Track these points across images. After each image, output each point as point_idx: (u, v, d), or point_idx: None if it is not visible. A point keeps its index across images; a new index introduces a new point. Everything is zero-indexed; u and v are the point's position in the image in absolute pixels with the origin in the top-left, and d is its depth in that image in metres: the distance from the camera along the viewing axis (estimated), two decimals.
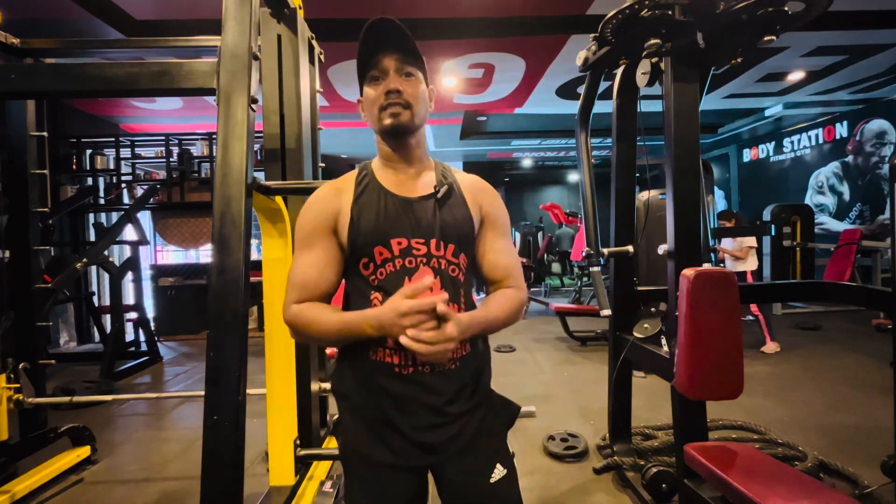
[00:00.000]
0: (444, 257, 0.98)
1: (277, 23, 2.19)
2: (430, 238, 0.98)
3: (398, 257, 0.96)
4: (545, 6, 3.86)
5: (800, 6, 1.62)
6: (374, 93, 0.98)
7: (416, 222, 0.98)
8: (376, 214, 0.98)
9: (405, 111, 0.97)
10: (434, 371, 0.96)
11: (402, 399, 0.96)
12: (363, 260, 0.98)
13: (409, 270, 0.96)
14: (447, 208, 1.01)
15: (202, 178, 5.94)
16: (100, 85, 1.69)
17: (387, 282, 0.96)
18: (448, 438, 0.98)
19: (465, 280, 1.02)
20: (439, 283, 0.96)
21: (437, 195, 1.00)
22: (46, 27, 3.95)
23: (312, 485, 2.13)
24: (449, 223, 0.99)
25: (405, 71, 0.99)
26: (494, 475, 1.01)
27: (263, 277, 1.93)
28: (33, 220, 2.49)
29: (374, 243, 0.96)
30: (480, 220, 1.06)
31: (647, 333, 2.19)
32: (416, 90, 0.99)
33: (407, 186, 1.02)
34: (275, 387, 1.91)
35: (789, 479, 1.41)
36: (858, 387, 3.55)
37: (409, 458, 0.98)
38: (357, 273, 0.99)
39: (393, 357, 0.95)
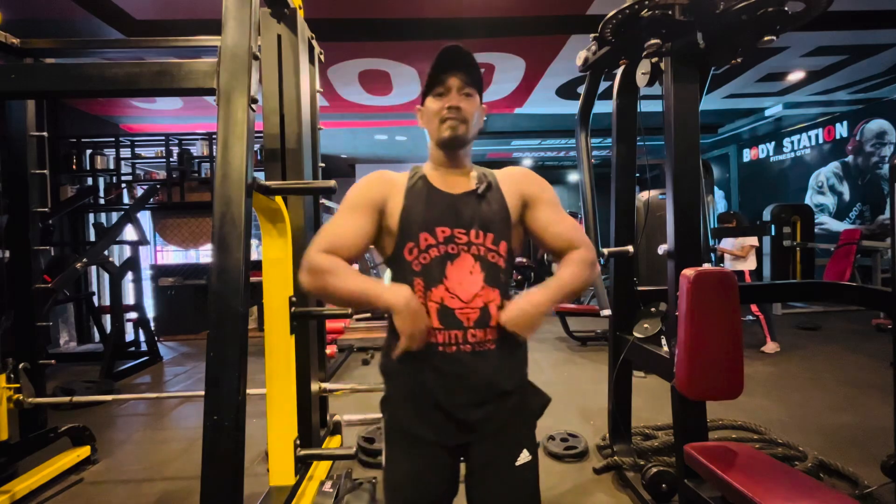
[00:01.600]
0: (484, 245, 1.08)
1: (277, 23, 2.19)
2: (471, 228, 1.08)
3: (442, 244, 1.07)
4: (545, 6, 3.86)
5: (800, 6, 1.62)
6: (437, 106, 1.10)
7: (459, 214, 1.09)
8: (424, 205, 1.09)
9: (462, 125, 1.09)
10: (474, 351, 1.05)
11: (444, 375, 1.05)
12: (409, 245, 1.07)
13: (452, 256, 1.06)
14: (486, 202, 1.11)
15: (202, 178, 5.94)
16: (100, 85, 1.69)
17: (430, 266, 1.06)
18: (484, 418, 1.07)
19: (506, 267, 1.11)
20: (479, 267, 1.06)
21: (478, 192, 1.11)
22: (46, 27, 3.95)
23: (312, 485, 2.13)
24: (487, 214, 1.10)
25: (465, 91, 1.10)
26: (520, 459, 1.09)
27: (263, 277, 1.93)
28: (33, 220, 2.49)
29: (421, 230, 1.07)
30: (525, 204, 1.15)
31: (647, 333, 2.19)
32: (473, 108, 1.11)
33: (452, 184, 1.13)
34: (275, 387, 1.91)
35: (789, 479, 1.41)
36: (858, 387, 3.55)
37: (449, 436, 1.08)
38: (401, 259, 1.08)
39: (437, 336, 1.04)
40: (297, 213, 2.20)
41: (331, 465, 2.47)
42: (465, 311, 1.05)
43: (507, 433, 1.10)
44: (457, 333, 1.04)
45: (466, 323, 1.04)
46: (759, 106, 7.34)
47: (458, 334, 1.04)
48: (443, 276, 1.05)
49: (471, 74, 1.10)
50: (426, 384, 1.06)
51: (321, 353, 2.57)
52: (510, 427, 1.10)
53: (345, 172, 11.48)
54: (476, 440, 1.09)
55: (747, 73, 5.62)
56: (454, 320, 1.04)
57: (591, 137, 2.50)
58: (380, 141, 8.90)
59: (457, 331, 1.04)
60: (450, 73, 1.09)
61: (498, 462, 1.09)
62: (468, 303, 1.05)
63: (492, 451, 1.09)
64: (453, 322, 1.04)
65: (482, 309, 1.05)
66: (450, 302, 1.04)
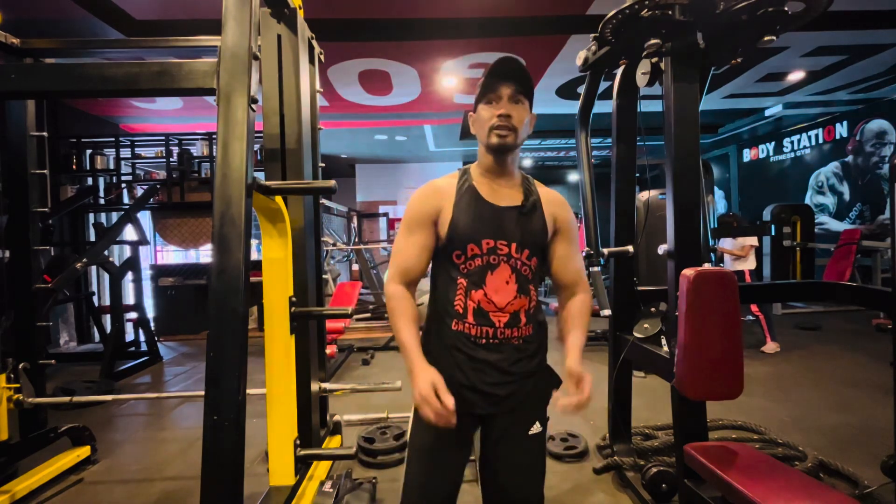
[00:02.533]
0: (521, 259, 1.21)
1: (277, 23, 2.19)
2: (512, 242, 1.20)
3: (485, 255, 1.20)
4: (545, 6, 3.86)
5: (800, 6, 1.63)
6: (488, 113, 1.18)
7: (503, 227, 1.20)
8: (472, 218, 1.20)
9: (511, 133, 1.18)
10: (502, 343, 1.20)
11: (476, 360, 1.20)
12: (456, 252, 1.21)
13: (493, 266, 1.20)
14: (528, 219, 1.23)
15: (202, 178, 5.94)
16: (100, 85, 1.69)
17: (474, 272, 1.20)
18: (510, 394, 1.22)
19: (534, 278, 1.25)
20: (515, 278, 1.20)
21: (524, 210, 1.23)
22: (46, 27, 3.95)
23: (312, 485, 2.13)
24: (528, 232, 1.22)
25: (516, 98, 1.18)
26: (533, 430, 1.26)
27: (263, 277, 1.92)
28: (33, 220, 2.49)
29: (468, 241, 1.19)
30: (555, 229, 1.28)
31: (647, 333, 2.19)
32: (523, 116, 1.19)
33: (498, 196, 1.23)
34: (275, 387, 1.91)
35: (789, 479, 1.41)
36: (858, 387, 3.56)
37: (475, 406, 1.23)
38: (449, 260, 1.22)
39: (471, 330, 1.20)
40: (297, 213, 2.20)
41: (331, 465, 2.47)
42: (498, 315, 1.19)
43: (525, 408, 1.26)
44: (488, 330, 1.19)
45: (498, 324, 1.19)
46: (759, 106, 7.34)
47: (490, 331, 1.19)
48: (483, 282, 1.19)
49: (522, 84, 1.18)
50: (459, 366, 1.21)
51: (321, 353, 2.57)
52: (528, 403, 1.26)
53: (345, 172, 11.48)
54: (499, 412, 1.24)
55: (747, 73, 5.62)
56: (487, 320, 1.19)
57: (591, 137, 2.50)
58: (380, 141, 8.90)
59: (488, 328, 1.19)
60: (502, 82, 1.17)
61: (514, 431, 1.25)
62: (502, 308, 1.19)
63: (509, 421, 1.25)
64: (486, 321, 1.19)
65: (513, 314, 1.20)
66: (486, 305, 1.19)
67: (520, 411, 1.26)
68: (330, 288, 5.66)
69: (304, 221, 2.26)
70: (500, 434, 1.25)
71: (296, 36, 2.20)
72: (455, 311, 1.21)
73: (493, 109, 1.18)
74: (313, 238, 2.45)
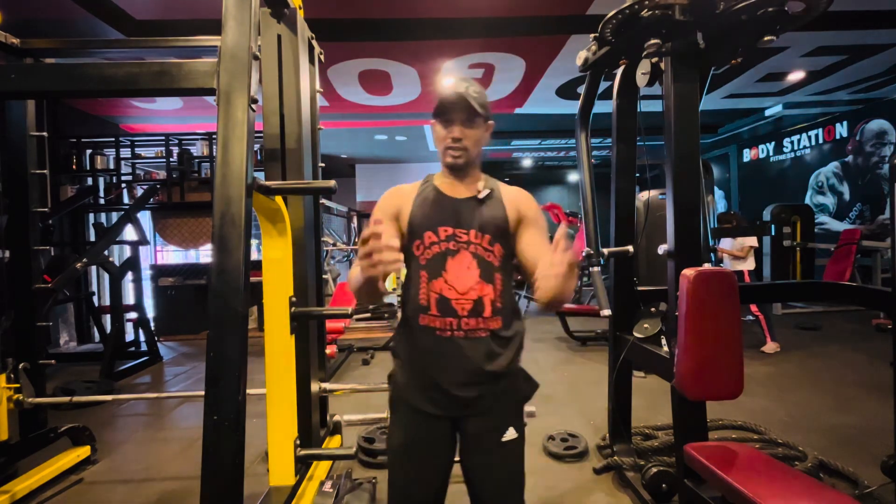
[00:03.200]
0: (481, 245, 1.22)
1: (277, 23, 2.19)
2: (471, 228, 1.22)
3: (444, 241, 1.22)
4: (545, 6, 3.86)
5: (800, 6, 1.63)
6: (443, 133, 1.24)
7: (460, 215, 1.24)
8: (429, 208, 1.25)
9: (463, 153, 1.24)
10: (466, 337, 1.19)
11: (439, 356, 1.19)
12: (416, 242, 1.23)
13: (452, 252, 1.21)
14: (487, 207, 1.26)
15: (202, 178, 5.94)
16: (100, 85, 1.69)
17: (432, 261, 1.21)
18: (475, 396, 1.20)
19: (501, 266, 1.24)
20: (476, 264, 1.21)
21: (479, 197, 1.26)
22: (46, 27, 3.95)
23: (312, 485, 2.13)
24: (487, 218, 1.24)
25: (469, 123, 1.23)
26: (507, 436, 1.23)
27: (263, 277, 1.92)
28: (33, 220, 2.49)
29: (425, 229, 1.23)
30: (519, 220, 1.27)
31: (647, 333, 2.19)
32: (475, 135, 1.25)
33: (457, 190, 1.28)
34: (275, 387, 1.91)
35: (789, 479, 1.41)
36: (858, 387, 3.55)
37: (443, 409, 1.22)
38: (411, 254, 1.24)
39: (435, 322, 1.19)
40: (297, 213, 2.20)
41: (331, 465, 2.47)
42: (461, 302, 1.19)
43: (496, 412, 1.23)
44: (451, 321, 1.18)
45: (461, 312, 1.18)
46: (759, 106, 7.34)
47: (453, 322, 1.18)
48: (443, 269, 1.20)
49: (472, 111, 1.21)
50: (425, 363, 1.22)
51: (321, 353, 2.57)
52: (499, 407, 1.23)
53: (345, 172, 11.48)
54: (468, 415, 1.22)
55: (747, 73, 5.62)
56: (450, 309, 1.19)
57: (591, 137, 2.50)
58: (380, 141, 8.90)
59: (452, 318, 1.18)
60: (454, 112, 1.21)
61: (486, 437, 1.23)
62: (463, 294, 1.19)
63: (481, 426, 1.23)
64: (449, 310, 1.19)
65: (476, 301, 1.19)
66: (447, 293, 1.19)
67: (491, 416, 1.22)
68: (330, 288, 5.67)
69: (304, 221, 2.26)
70: (472, 440, 1.24)
71: (296, 36, 2.21)
72: (420, 306, 1.21)
73: (447, 131, 1.23)
74: (313, 238, 2.45)
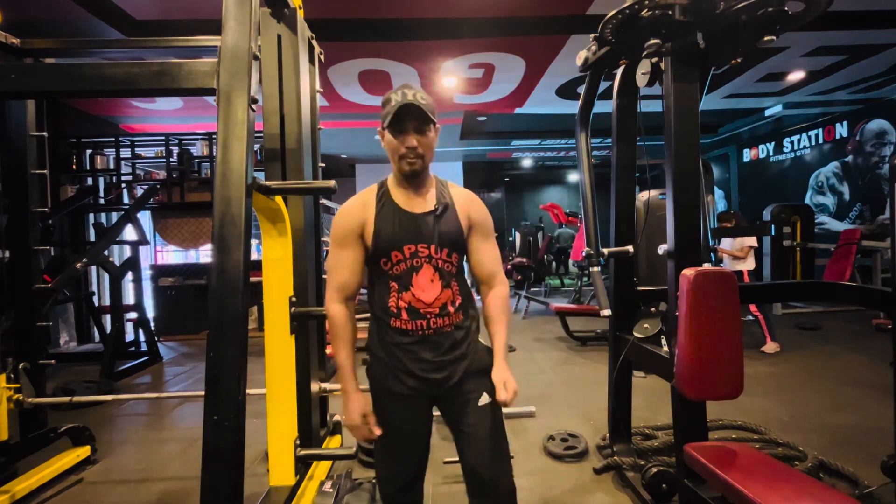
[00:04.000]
0: (441, 257, 1.33)
1: (277, 23, 2.19)
2: (431, 244, 1.32)
3: (408, 259, 1.31)
4: (545, 6, 3.86)
5: (800, 6, 1.62)
6: (396, 142, 1.30)
7: (420, 232, 1.32)
8: (392, 227, 1.32)
9: (418, 160, 1.30)
10: (437, 332, 1.33)
11: (412, 352, 1.33)
12: (383, 259, 1.32)
13: (416, 267, 1.31)
14: (443, 221, 1.35)
15: (202, 178, 5.94)
16: (100, 85, 1.69)
17: (400, 275, 1.32)
18: (445, 377, 1.34)
19: (458, 271, 1.38)
20: (438, 276, 1.32)
21: (437, 213, 1.34)
22: (46, 27, 3.95)
23: (312, 485, 2.13)
24: (444, 233, 1.34)
25: (421, 130, 1.29)
26: (481, 400, 1.36)
27: (263, 277, 1.92)
28: (33, 220, 2.49)
29: (391, 248, 1.31)
30: (469, 226, 1.39)
31: (647, 333, 2.19)
32: (429, 141, 1.31)
33: (414, 203, 1.35)
34: (275, 387, 1.91)
35: (789, 479, 1.41)
36: (858, 387, 3.55)
37: (417, 389, 1.35)
38: (379, 267, 1.34)
39: (406, 325, 1.32)
40: (297, 213, 2.20)
41: (331, 465, 2.47)
42: (428, 310, 1.31)
43: (467, 384, 1.36)
44: (421, 323, 1.31)
45: (429, 316, 1.32)
46: (759, 106, 7.35)
47: (423, 323, 1.31)
48: (410, 284, 1.31)
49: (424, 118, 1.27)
50: (398, 356, 1.34)
51: (321, 353, 2.57)
52: (469, 380, 1.37)
53: (345, 172, 11.48)
54: (442, 393, 1.36)
55: (747, 73, 5.62)
56: (419, 315, 1.31)
57: (591, 137, 2.50)
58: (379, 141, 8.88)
59: (421, 321, 1.31)
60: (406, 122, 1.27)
61: (463, 406, 1.36)
62: (430, 304, 1.31)
63: (456, 398, 1.36)
64: (418, 316, 1.31)
65: (441, 306, 1.33)
66: (416, 304, 1.31)
67: (463, 388, 1.36)
68: None
69: (304, 221, 2.26)
70: (452, 413, 1.39)
71: (296, 36, 2.21)
72: (391, 311, 1.32)
73: (400, 140, 1.29)
74: (313, 238, 2.45)
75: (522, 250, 8.87)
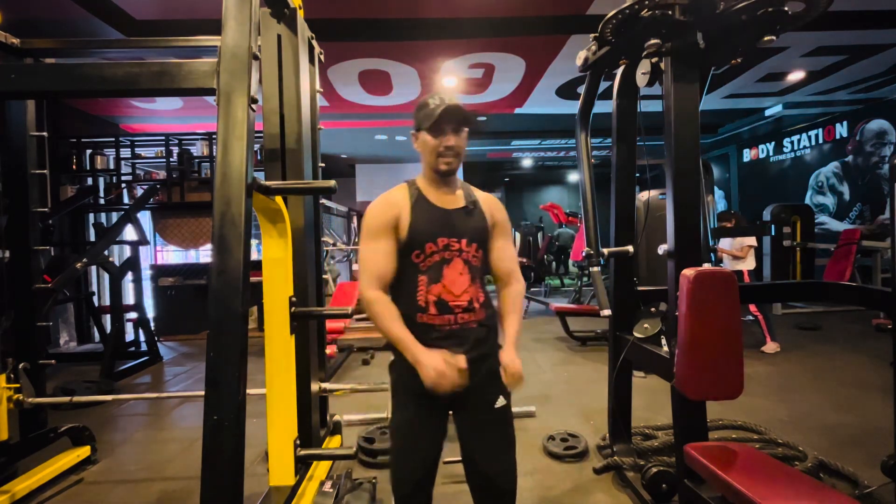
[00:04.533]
0: (471, 252, 1.41)
1: (277, 23, 2.19)
2: (462, 238, 1.40)
3: (441, 251, 1.38)
4: (545, 6, 3.86)
5: (800, 6, 1.62)
6: (435, 142, 1.37)
7: (453, 227, 1.40)
8: (427, 220, 1.39)
9: (455, 159, 1.39)
10: (462, 328, 1.38)
11: (438, 348, 1.32)
12: (416, 251, 1.38)
13: (448, 260, 1.38)
14: (472, 218, 1.44)
15: (202, 178, 5.94)
16: (100, 85, 1.69)
17: (431, 268, 1.38)
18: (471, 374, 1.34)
19: (482, 267, 1.46)
20: (467, 270, 1.39)
21: (468, 209, 1.44)
22: (46, 27, 3.96)
23: (312, 485, 2.13)
24: (473, 229, 1.43)
25: (458, 130, 1.38)
26: (498, 403, 1.42)
27: (263, 277, 1.92)
28: (33, 220, 2.49)
29: (426, 240, 1.38)
30: (493, 225, 1.48)
31: (647, 333, 2.19)
32: (463, 142, 1.41)
33: (445, 200, 1.43)
34: (275, 387, 1.91)
35: (789, 479, 1.41)
36: (858, 387, 3.56)
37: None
38: (409, 260, 1.39)
39: (434, 320, 1.37)
40: (297, 213, 2.20)
41: (331, 465, 2.47)
42: (456, 303, 1.37)
43: (486, 385, 1.41)
44: (449, 318, 1.36)
45: (456, 311, 1.37)
46: (759, 106, 7.35)
47: (450, 318, 1.37)
48: (441, 276, 1.37)
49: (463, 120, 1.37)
50: None
51: (321, 353, 2.57)
52: (487, 381, 1.41)
53: (345, 172, 11.48)
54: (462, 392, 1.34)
55: (747, 73, 5.62)
56: (447, 309, 1.36)
57: (591, 137, 2.50)
58: (380, 141, 8.90)
59: (449, 316, 1.36)
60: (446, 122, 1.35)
61: (480, 406, 1.41)
62: (458, 297, 1.37)
63: (475, 397, 1.40)
64: (447, 310, 1.36)
65: (468, 300, 1.38)
66: (445, 296, 1.36)
67: (482, 389, 1.41)
68: (330, 288, 5.67)
69: (304, 221, 2.26)
70: (468, 411, 1.42)
71: (296, 36, 2.20)
72: (418, 306, 1.37)
73: (440, 140, 1.36)
74: (313, 238, 2.45)
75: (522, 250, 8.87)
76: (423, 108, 1.39)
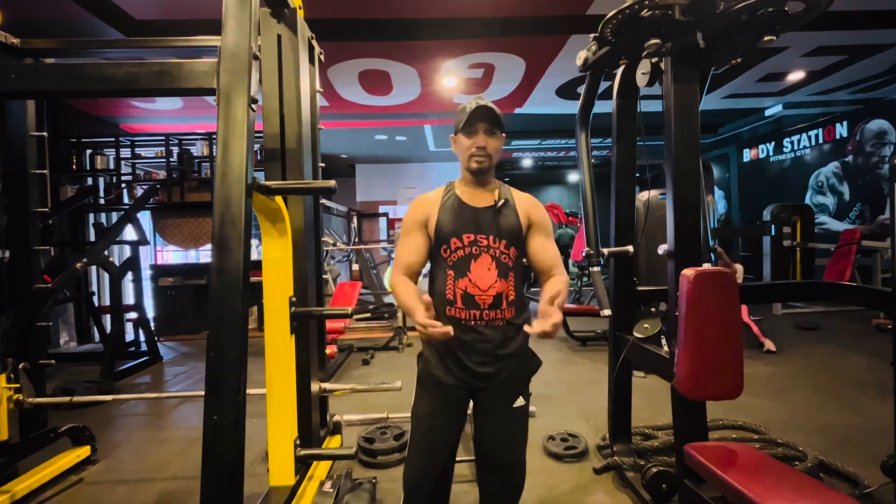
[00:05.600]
0: (499, 248, 1.44)
1: (277, 23, 2.19)
2: (490, 234, 1.44)
3: (467, 246, 1.44)
4: (545, 6, 3.86)
5: (800, 6, 1.62)
6: (468, 142, 1.45)
7: (480, 223, 1.45)
8: (454, 217, 1.46)
9: (486, 159, 1.45)
10: (487, 325, 1.42)
11: (465, 342, 1.42)
12: (443, 247, 1.46)
13: (475, 255, 1.43)
14: (503, 215, 1.47)
15: (202, 178, 5.94)
16: (100, 85, 1.68)
17: (458, 262, 1.44)
18: (493, 372, 1.44)
19: (514, 265, 1.46)
20: (495, 265, 1.43)
21: (496, 207, 1.47)
22: (46, 27, 3.95)
23: (312, 485, 2.13)
24: (503, 225, 1.46)
25: (491, 132, 1.45)
26: (516, 403, 1.48)
27: (263, 277, 1.92)
28: (33, 220, 2.49)
29: (451, 236, 1.44)
30: (529, 225, 1.50)
31: (647, 333, 2.19)
32: (496, 144, 1.47)
33: (477, 199, 1.49)
34: (275, 387, 1.91)
35: (789, 479, 1.41)
36: (858, 387, 3.56)
37: (464, 382, 1.46)
38: (439, 255, 1.48)
39: (461, 314, 1.42)
40: (297, 213, 2.20)
41: (331, 465, 2.47)
42: (482, 297, 1.41)
43: (509, 384, 1.47)
44: (475, 312, 1.41)
45: (483, 305, 1.41)
46: (759, 106, 7.34)
47: (476, 313, 1.41)
48: (467, 270, 1.42)
49: (495, 122, 1.44)
50: (452, 348, 1.43)
51: (321, 353, 2.57)
52: (511, 380, 1.47)
53: (345, 172, 11.48)
54: (485, 388, 1.45)
55: (747, 73, 5.62)
56: (474, 303, 1.41)
57: (591, 137, 2.50)
58: (380, 141, 8.90)
59: (475, 310, 1.41)
60: (479, 122, 1.42)
61: (500, 404, 1.47)
62: (485, 291, 1.41)
63: (496, 395, 1.47)
64: (473, 304, 1.41)
65: (495, 296, 1.41)
66: (471, 290, 1.41)
67: (505, 387, 1.47)
68: (330, 288, 5.66)
69: (304, 221, 2.26)
70: (488, 406, 1.48)
71: (296, 36, 2.20)
72: (447, 299, 1.43)
73: (472, 140, 1.44)
74: (313, 238, 2.45)
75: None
76: (460, 112, 1.47)
